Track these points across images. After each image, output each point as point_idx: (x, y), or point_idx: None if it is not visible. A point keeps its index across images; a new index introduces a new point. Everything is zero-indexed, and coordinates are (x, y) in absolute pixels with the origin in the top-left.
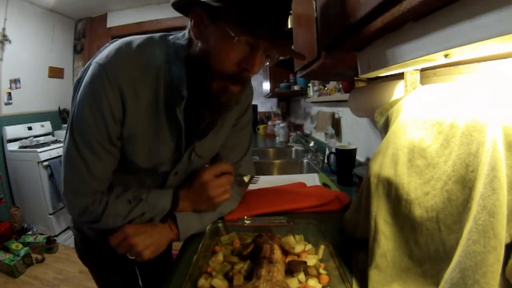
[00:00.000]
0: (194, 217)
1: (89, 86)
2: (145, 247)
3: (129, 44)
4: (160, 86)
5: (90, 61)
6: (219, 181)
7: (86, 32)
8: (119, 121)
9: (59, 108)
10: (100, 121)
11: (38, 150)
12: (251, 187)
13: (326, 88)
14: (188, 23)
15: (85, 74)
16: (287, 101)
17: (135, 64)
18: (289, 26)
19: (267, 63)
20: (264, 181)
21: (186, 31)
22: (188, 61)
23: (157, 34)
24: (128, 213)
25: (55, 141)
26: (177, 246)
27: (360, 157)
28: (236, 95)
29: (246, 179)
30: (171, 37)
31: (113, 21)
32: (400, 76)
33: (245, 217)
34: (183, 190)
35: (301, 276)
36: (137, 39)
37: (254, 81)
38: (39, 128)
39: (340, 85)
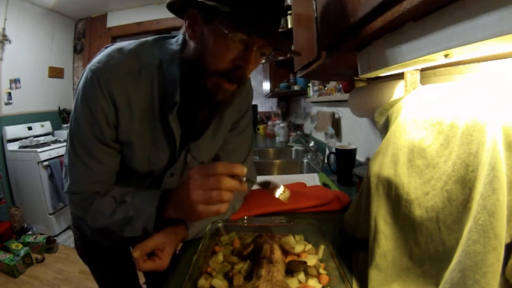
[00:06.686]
0: None
1: (81, 92)
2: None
3: (121, 49)
4: (154, 92)
5: (86, 66)
6: (205, 182)
7: (86, 32)
8: (113, 125)
9: (59, 108)
10: (95, 125)
11: (38, 150)
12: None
13: (326, 88)
14: (183, 25)
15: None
16: (287, 101)
17: (126, 70)
18: (289, 26)
19: (263, 61)
20: None
21: (180, 35)
22: (182, 64)
23: (151, 38)
24: (112, 212)
25: (55, 141)
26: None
27: (360, 157)
28: (232, 93)
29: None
30: (165, 41)
31: (113, 21)
32: (400, 76)
33: (245, 217)
34: (172, 191)
35: (301, 276)
36: (130, 44)
37: (254, 81)
38: (39, 128)
39: (340, 85)
